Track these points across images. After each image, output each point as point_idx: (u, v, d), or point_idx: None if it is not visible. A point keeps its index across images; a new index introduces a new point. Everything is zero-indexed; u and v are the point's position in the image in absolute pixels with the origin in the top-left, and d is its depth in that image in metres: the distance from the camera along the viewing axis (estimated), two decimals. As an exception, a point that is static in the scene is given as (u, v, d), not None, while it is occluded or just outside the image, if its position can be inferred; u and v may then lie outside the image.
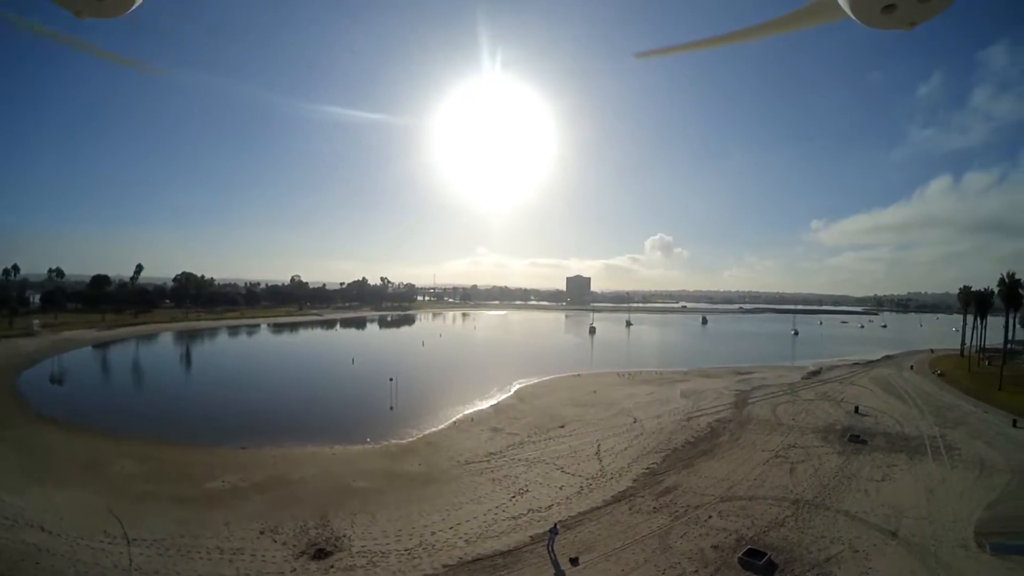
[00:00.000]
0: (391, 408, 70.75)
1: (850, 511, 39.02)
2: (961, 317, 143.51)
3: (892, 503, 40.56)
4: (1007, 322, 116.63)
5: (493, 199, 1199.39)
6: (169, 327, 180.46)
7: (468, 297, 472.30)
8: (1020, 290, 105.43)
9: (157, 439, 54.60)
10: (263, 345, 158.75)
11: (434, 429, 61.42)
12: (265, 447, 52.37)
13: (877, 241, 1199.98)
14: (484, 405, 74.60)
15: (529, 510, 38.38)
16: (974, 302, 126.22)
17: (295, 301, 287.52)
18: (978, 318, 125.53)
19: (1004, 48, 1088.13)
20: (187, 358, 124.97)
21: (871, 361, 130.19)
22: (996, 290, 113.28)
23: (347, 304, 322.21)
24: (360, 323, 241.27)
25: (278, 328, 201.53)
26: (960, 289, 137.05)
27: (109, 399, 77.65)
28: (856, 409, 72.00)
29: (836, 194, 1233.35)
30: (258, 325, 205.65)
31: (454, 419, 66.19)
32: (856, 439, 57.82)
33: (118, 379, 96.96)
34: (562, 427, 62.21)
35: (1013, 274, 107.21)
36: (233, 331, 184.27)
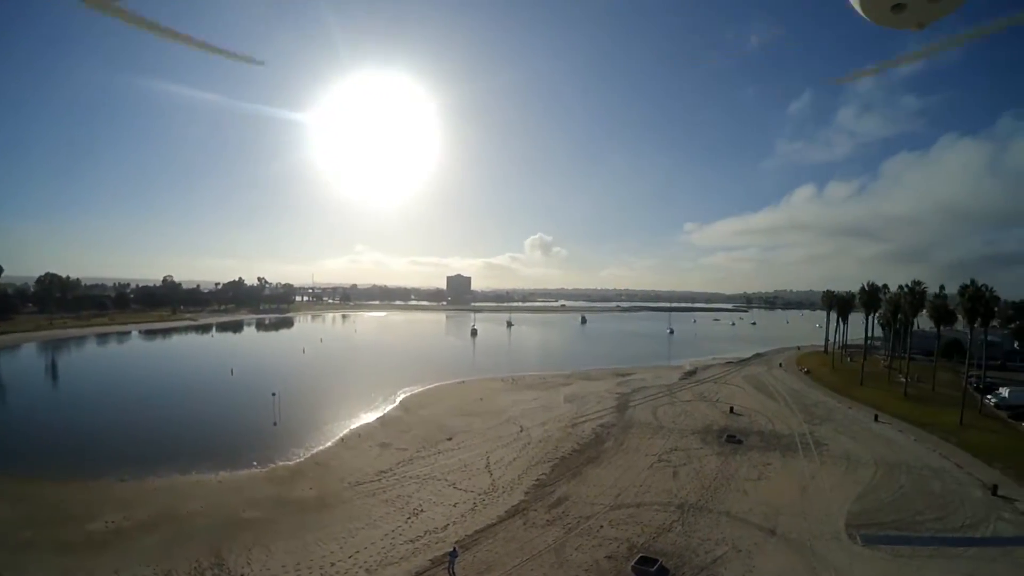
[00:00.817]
0: (275, 424, 67.76)
1: (731, 512, 41.75)
2: (824, 314, 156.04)
3: (769, 501, 43.79)
4: (867, 324, 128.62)
5: (374, 196, 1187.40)
6: (33, 336, 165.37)
7: (348, 297, 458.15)
8: (879, 295, 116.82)
9: (27, 474, 49.37)
10: (135, 355, 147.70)
11: (322, 447, 59.41)
12: (146, 478, 48.68)
13: (748, 243, 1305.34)
14: (370, 418, 72.92)
15: (426, 531, 38.14)
16: (837, 305, 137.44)
17: (168, 304, 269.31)
18: (840, 319, 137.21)
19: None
20: (53, 373, 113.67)
21: (743, 360, 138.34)
22: (857, 296, 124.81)
23: (223, 307, 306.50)
24: (237, 327, 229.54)
25: (150, 335, 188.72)
26: (824, 292, 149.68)
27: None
28: (731, 409, 76.67)
29: (709, 199, 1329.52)
30: (129, 332, 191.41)
31: (341, 435, 64.30)
32: (733, 439, 61.64)
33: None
34: (450, 439, 62.03)
35: (872, 283, 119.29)
36: (102, 339, 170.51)
